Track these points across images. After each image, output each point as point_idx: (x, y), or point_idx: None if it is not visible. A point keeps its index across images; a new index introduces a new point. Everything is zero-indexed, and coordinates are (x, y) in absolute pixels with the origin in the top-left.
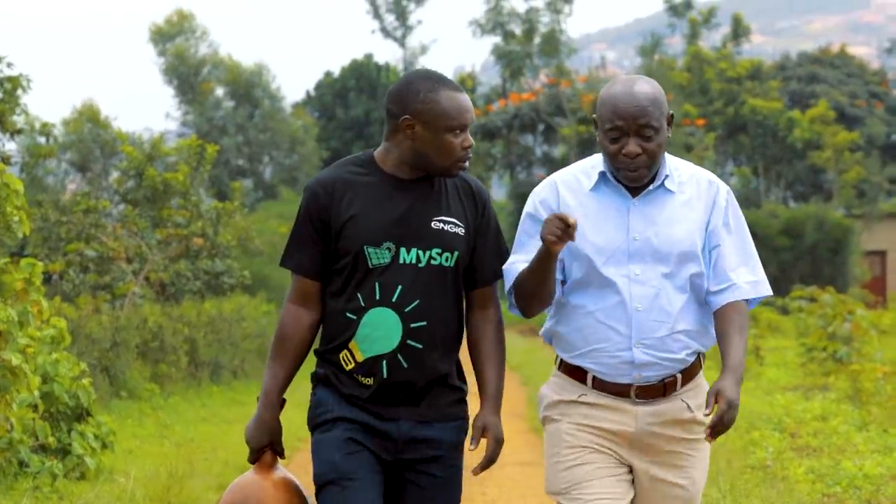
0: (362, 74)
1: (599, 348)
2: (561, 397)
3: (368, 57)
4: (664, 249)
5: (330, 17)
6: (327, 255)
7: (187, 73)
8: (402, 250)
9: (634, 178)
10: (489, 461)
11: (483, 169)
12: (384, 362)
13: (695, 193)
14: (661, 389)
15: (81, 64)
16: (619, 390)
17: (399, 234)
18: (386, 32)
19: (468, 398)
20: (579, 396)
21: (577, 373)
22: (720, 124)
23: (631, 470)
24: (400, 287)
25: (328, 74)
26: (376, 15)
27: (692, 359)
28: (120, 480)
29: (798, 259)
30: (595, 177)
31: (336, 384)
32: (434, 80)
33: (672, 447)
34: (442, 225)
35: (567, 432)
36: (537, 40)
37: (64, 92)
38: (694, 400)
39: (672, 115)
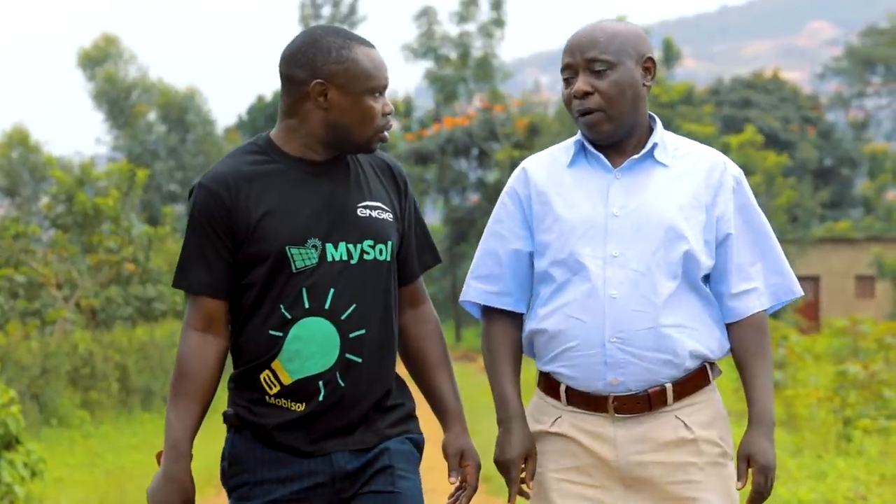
0: None
1: (570, 346)
2: (538, 426)
3: None
4: (649, 225)
5: (262, 39)
6: (234, 267)
7: (117, 98)
8: (329, 246)
9: (590, 124)
10: (473, 490)
11: (417, 193)
12: (320, 383)
13: (692, 168)
14: (644, 402)
15: (11, 89)
16: (596, 403)
17: (324, 227)
18: None
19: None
20: (553, 423)
21: (550, 384)
22: None
23: None
24: (332, 290)
25: (260, 98)
26: None
27: (692, 365)
28: None
29: None
30: (573, 150)
31: (252, 420)
32: (343, 35)
33: (672, 476)
34: (369, 212)
35: (552, 489)
36: (471, 65)
37: None
38: (694, 417)
39: (652, 61)
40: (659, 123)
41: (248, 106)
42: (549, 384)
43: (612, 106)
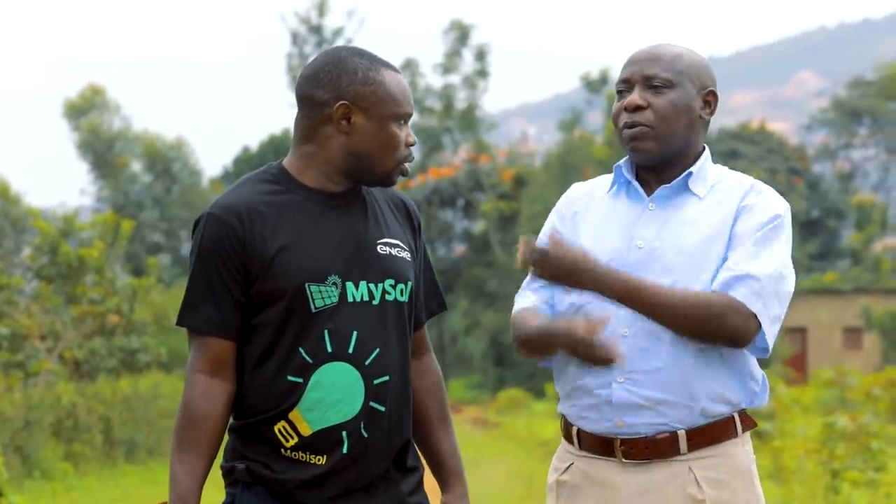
0: (280, 149)
1: (581, 385)
2: (555, 475)
3: (286, 131)
4: (668, 259)
5: (248, 91)
6: (244, 305)
7: (102, 148)
8: (350, 285)
9: (634, 136)
10: None
11: None
12: (343, 433)
13: (726, 196)
14: (653, 447)
15: None
16: (604, 446)
17: (343, 264)
18: None
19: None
20: (566, 470)
21: (566, 427)
22: None
23: None
24: (356, 333)
25: (246, 149)
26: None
27: (713, 412)
28: None
29: None
30: (613, 176)
31: (269, 476)
32: (369, 57)
33: None
34: (389, 249)
35: None
36: (454, 116)
37: None
38: (711, 472)
39: (714, 96)
40: (706, 155)
41: (233, 157)
42: (566, 428)
43: (663, 125)
